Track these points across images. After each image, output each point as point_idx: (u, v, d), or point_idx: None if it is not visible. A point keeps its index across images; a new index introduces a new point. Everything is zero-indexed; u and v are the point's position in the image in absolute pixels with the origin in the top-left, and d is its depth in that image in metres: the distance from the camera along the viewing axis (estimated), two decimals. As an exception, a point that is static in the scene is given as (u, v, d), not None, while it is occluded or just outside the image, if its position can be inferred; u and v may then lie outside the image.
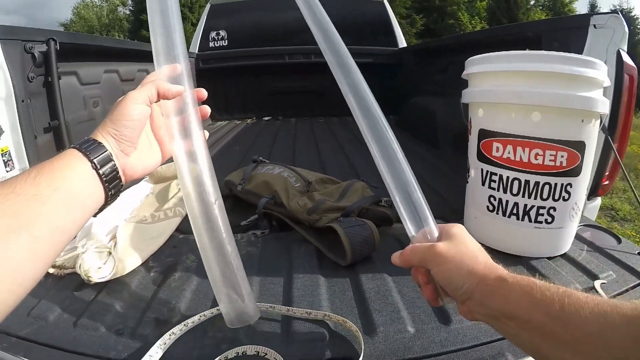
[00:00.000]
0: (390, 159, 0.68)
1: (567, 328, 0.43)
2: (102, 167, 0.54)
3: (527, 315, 0.47)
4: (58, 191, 0.48)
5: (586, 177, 0.98)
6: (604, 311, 0.41)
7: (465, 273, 0.54)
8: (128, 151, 0.59)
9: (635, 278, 0.91)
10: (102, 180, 0.54)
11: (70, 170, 0.51)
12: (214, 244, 0.64)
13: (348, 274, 0.93)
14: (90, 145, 0.54)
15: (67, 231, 0.49)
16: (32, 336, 0.72)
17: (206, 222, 0.64)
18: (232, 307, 0.67)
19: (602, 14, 1.29)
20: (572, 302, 0.44)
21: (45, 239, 0.46)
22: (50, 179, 0.48)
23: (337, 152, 2.22)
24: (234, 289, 0.66)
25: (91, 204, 0.54)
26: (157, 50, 0.65)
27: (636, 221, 4.22)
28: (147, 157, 0.63)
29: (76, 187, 0.51)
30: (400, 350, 0.69)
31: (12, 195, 0.45)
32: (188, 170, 0.63)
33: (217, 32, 3.50)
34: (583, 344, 0.42)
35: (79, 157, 0.53)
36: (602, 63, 0.94)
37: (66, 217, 0.49)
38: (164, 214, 1.17)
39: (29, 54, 1.32)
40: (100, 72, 1.93)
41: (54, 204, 0.47)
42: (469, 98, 1.09)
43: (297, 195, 1.19)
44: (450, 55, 2.45)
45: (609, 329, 0.40)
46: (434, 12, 24.80)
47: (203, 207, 0.63)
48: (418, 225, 0.64)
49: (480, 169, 1.04)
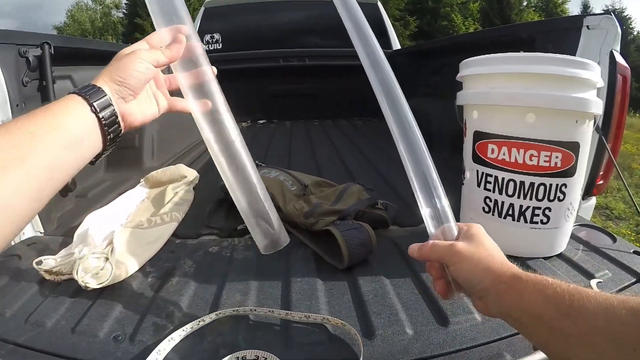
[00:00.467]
0: (416, 158, 0.70)
1: (576, 322, 0.45)
2: (101, 110, 0.55)
3: (539, 311, 0.49)
4: (56, 130, 0.49)
5: (581, 177, 0.99)
6: (612, 305, 0.43)
7: (482, 271, 0.57)
8: (128, 99, 0.60)
9: (630, 276, 0.92)
10: (101, 122, 0.55)
11: (70, 111, 0.52)
12: (239, 179, 0.69)
13: (346, 277, 0.93)
14: (90, 90, 0.56)
15: (62, 172, 0.50)
16: (30, 343, 0.72)
17: (228, 157, 0.68)
18: (263, 234, 0.72)
19: (595, 15, 1.30)
20: (580, 298, 0.46)
21: (39, 176, 0.46)
22: (50, 119, 0.49)
23: (332, 155, 2.22)
24: (263, 218, 0.72)
25: (89, 146, 0.54)
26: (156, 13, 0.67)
27: (631, 220, 4.24)
28: (146, 107, 0.65)
29: (74, 128, 0.51)
30: (399, 353, 0.70)
31: (7, 132, 0.45)
32: (205, 112, 0.67)
33: (211, 35, 3.50)
34: (591, 337, 0.43)
35: (79, 100, 0.54)
36: (595, 64, 0.95)
37: (62, 157, 0.49)
38: (160, 219, 1.17)
39: (23, 58, 1.31)
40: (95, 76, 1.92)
41: (49, 142, 0.48)
42: (463, 100, 1.09)
43: (294, 199, 1.19)
44: (444, 57, 2.45)
45: (616, 323, 0.42)
46: (427, 14, 24.90)
47: (223, 143, 0.68)
48: (438, 222, 0.67)
49: (475, 170, 1.04)
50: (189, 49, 0.67)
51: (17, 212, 0.44)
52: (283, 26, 3.62)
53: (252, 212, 0.70)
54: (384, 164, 1.96)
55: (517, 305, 0.52)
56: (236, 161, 0.68)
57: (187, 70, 0.68)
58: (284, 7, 3.66)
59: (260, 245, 0.73)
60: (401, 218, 1.22)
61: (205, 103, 0.66)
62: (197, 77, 0.67)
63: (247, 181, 0.69)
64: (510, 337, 0.72)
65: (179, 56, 0.65)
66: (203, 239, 1.14)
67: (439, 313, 0.79)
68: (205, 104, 0.66)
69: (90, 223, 1.02)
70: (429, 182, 0.68)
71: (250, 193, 0.70)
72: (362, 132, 2.91)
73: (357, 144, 2.47)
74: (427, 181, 0.68)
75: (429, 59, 2.73)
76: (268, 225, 0.72)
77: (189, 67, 0.68)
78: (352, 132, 2.93)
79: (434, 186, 0.68)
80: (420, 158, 0.69)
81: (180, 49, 0.65)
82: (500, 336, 0.73)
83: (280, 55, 3.36)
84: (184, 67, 0.67)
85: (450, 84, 1.26)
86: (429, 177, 0.68)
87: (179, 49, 0.65)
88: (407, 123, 0.72)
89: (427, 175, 0.68)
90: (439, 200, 0.67)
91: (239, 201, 0.70)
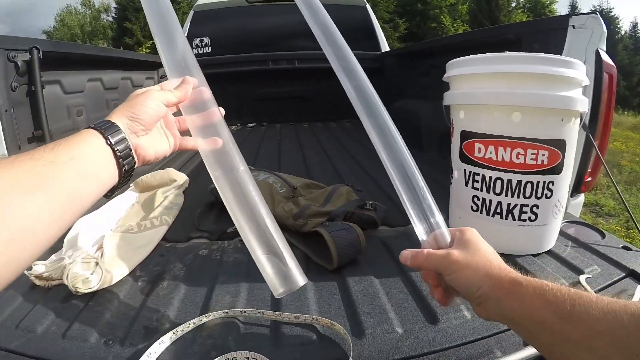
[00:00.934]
0: (399, 163, 0.70)
1: (578, 327, 0.45)
2: (116, 144, 0.57)
3: (540, 316, 0.49)
4: (74, 160, 0.51)
5: (568, 175, 1.00)
6: (614, 310, 0.43)
7: (481, 278, 0.56)
8: (140, 134, 0.63)
9: (619, 271, 0.92)
10: (116, 155, 0.57)
11: (86, 144, 0.55)
12: (245, 211, 0.68)
13: (335, 277, 0.93)
14: (105, 124, 0.58)
15: (81, 200, 0.52)
16: (21, 348, 0.71)
17: (233, 189, 0.68)
18: (275, 273, 0.68)
19: (581, 14, 1.31)
20: (582, 303, 0.46)
21: (60, 202, 0.48)
22: (68, 150, 0.52)
23: (322, 158, 2.23)
24: (275, 254, 0.68)
25: (105, 177, 0.57)
26: (169, 63, 0.72)
27: (621, 216, 4.28)
28: (158, 143, 0.68)
29: (91, 159, 0.54)
30: (389, 351, 0.70)
31: (30, 160, 0.47)
32: (213, 150, 0.69)
33: (200, 39, 3.49)
34: (594, 341, 0.44)
35: (94, 133, 0.57)
36: (580, 63, 0.96)
37: (80, 185, 0.51)
38: (150, 223, 1.17)
39: (12, 62, 1.31)
40: (84, 81, 1.92)
41: (69, 171, 0.50)
42: (450, 100, 1.10)
43: (283, 201, 1.19)
44: (432, 59, 2.47)
45: (618, 328, 0.42)
46: (416, 16, 24.98)
47: (229, 173, 0.69)
48: (429, 229, 0.67)
49: (463, 169, 1.05)
50: (198, 93, 0.71)
51: (41, 236, 0.46)
52: (272, 29, 3.63)
53: (261, 248, 0.67)
54: (372, 165, 1.96)
55: (519, 310, 0.52)
56: (246, 198, 0.68)
57: (196, 112, 0.71)
58: (273, 10, 3.67)
59: (273, 286, 0.68)
60: (390, 218, 1.23)
61: (214, 141, 0.69)
62: (206, 118, 0.71)
63: (255, 217, 0.68)
64: (499, 333, 0.73)
65: (187, 96, 0.69)
66: (193, 243, 1.14)
67: (428, 311, 0.80)
68: (214, 142, 0.69)
69: (80, 228, 1.02)
70: (414, 185, 0.68)
71: (259, 228, 0.68)
72: (351, 135, 2.91)
73: (346, 147, 2.47)
74: (412, 185, 0.68)
75: (418, 60, 2.74)
76: (281, 262, 0.67)
77: (199, 109, 0.71)
78: (341, 135, 2.93)
79: (420, 193, 0.68)
80: (403, 161, 0.70)
81: (188, 90, 0.69)
82: (489, 333, 0.73)
83: (270, 58, 3.37)
84: (194, 109, 0.71)
85: (438, 85, 1.27)
86: (414, 181, 0.68)
87: (187, 89, 0.69)
88: (392, 138, 0.72)
89: (412, 180, 0.68)
90: (428, 205, 0.67)
91: (245, 235, 0.68)
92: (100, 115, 1.99)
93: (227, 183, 0.68)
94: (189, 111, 0.71)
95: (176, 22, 0.74)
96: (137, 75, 2.49)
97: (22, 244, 0.43)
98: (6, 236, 0.42)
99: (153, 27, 0.73)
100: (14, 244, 0.42)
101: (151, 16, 0.74)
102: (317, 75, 3.40)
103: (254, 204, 0.68)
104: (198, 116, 0.71)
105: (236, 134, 3.08)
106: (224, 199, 0.69)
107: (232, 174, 0.68)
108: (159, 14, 0.74)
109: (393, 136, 0.72)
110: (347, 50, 0.79)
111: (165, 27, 0.73)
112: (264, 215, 0.69)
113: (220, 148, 0.69)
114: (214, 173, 0.69)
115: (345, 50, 0.79)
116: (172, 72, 0.72)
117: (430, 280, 0.66)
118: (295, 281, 0.68)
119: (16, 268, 0.44)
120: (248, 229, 0.68)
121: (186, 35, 3.50)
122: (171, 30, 0.73)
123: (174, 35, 0.73)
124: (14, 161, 0.46)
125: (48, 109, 1.48)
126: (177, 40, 0.73)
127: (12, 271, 0.43)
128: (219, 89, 3.04)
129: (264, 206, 0.69)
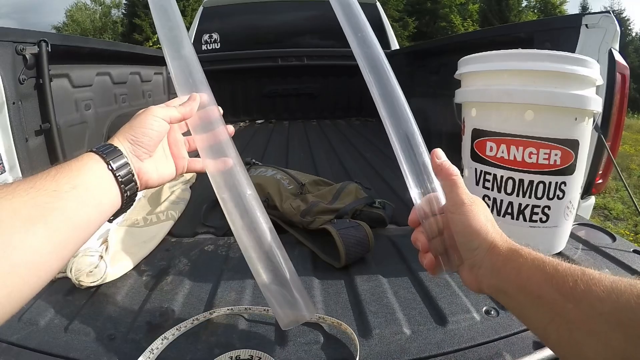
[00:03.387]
0: (402, 130, 0.67)
1: (580, 307, 0.41)
2: (118, 169, 0.56)
3: (538, 290, 0.45)
4: (76, 188, 0.50)
5: (580, 176, 0.98)
6: (619, 290, 0.40)
7: (481, 235, 0.53)
8: (143, 157, 0.61)
9: (630, 275, 0.91)
10: (118, 180, 0.56)
11: (88, 170, 0.53)
12: (253, 240, 0.65)
13: (342, 275, 0.92)
14: (107, 149, 0.57)
15: (83, 229, 0.50)
16: (23, 342, 0.71)
17: (242, 217, 0.66)
18: (281, 303, 0.65)
19: (594, 13, 1.29)
20: (585, 280, 0.42)
21: (62, 233, 0.47)
22: (69, 177, 0.50)
23: (330, 155, 2.22)
24: (281, 283, 0.65)
25: (107, 204, 0.55)
26: (178, 79, 0.71)
27: (629, 220, 4.24)
28: (162, 167, 0.66)
29: (93, 186, 0.53)
30: (397, 352, 0.69)
31: (32, 190, 0.46)
32: (221, 171, 0.68)
33: (209, 35, 3.49)
34: (596, 324, 0.40)
35: (96, 158, 0.55)
36: (594, 61, 0.94)
37: (83, 214, 0.50)
38: (156, 217, 1.16)
39: (20, 55, 1.31)
40: (93, 75, 1.92)
41: (72, 200, 0.49)
42: (461, 98, 1.08)
43: (290, 198, 1.18)
44: (442, 57, 2.45)
45: (624, 309, 0.38)
46: (426, 15, 24.95)
47: (238, 201, 0.66)
48: (424, 190, 0.63)
49: (474, 168, 1.03)
50: (204, 112, 0.69)
51: (43, 267, 0.45)
52: (281, 26, 3.63)
53: (268, 277, 0.65)
54: (381, 163, 1.96)
55: (514, 282, 0.48)
56: (252, 221, 0.66)
57: (204, 132, 0.69)
58: (282, 7, 3.66)
59: (279, 317, 0.66)
60: (399, 217, 1.21)
61: (223, 161, 0.68)
62: (214, 138, 0.69)
63: (263, 243, 0.66)
64: (509, 336, 0.72)
65: (192, 113, 0.67)
66: (199, 238, 1.14)
67: (437, 312, 0.78)
68: (222, 162, 0.68)
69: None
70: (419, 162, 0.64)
71: (266, 256, 0.65)
72: (359, 132, 2.91)
73: (355, 144, 2.47)
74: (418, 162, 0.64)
75: (428, 59, 2.73)
76: (288, 293, 0.65)
77: (206, 129, 0.69)
78: (349, 133, 2.92)
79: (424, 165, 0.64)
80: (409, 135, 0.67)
81: (194, 106, 0.67)
82: (499, 335, 0.72)
83: (279, 55, 3.36)
84: (202, 129, 0.69)
85: (448, 84, 1.25)
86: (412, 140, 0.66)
87: (192, 106, 0.67)
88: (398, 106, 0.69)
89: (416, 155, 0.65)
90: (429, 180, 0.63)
91: (253, 264, 0.66)
92: (108, 110, 2.00)
93: (235, 207, 0.66)
94: (196, 130, 0.69)
95: (186, 37, 0.73)
96: (145, 71, 2.48)
97: (23, 276, 0.43)
98: (7, 269, 0.41)
99: (163, 43, 0.72)
100: (14, 276, 0.41)
101: (162, 34, 0.72)
102: (326, 73, 3.40)
103: (262, 231, 0.66)
104: (205, 135, 0.69)
105: (244, 130, 3.09)
106: (231, 223, 0.67)
107: (239, 197, 0.66)
108: (168, 29, 0.72)
109: (399, 103, 0.69)
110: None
111: (176, 43, 0.72)
112: (271, 242, 0.66)
113: (228, 170, 0.67)
114: (221, 195, 0.67)
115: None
116: (180, 89, 0.70)
117: (420, 243, 0.60)
118: (303, 313, 0.66)
119: (18, 300, 0.43)
120: (255, 256, 0.65)
121: (195, 31, 3.51)
122: (180, 44, 0.72)
123: (182, 48, 0.72)
124: (15, 190, 0.45)
125: (56, 102, 1.48)
126: (186, 56, 0.72)
127: (13, 304, 0.42)
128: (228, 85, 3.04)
129: (271, 233, 0.67)
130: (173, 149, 0.69)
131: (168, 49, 0.71)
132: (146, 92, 2.52)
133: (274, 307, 0.66)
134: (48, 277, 0.46)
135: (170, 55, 0.71)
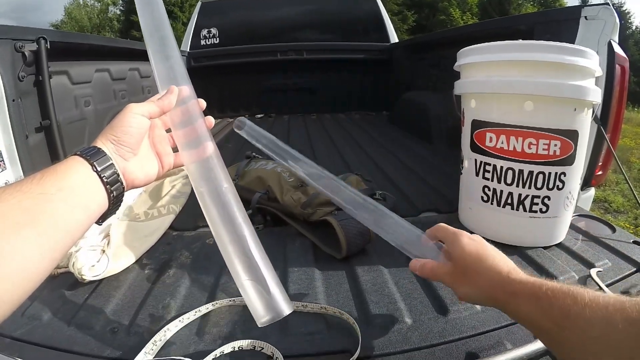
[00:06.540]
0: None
1: (574, 332, 0.47)
2: (103, 170, 0.56)
3: (537, 323, 0.52)
4: (62, 191, 0.50)
5: (580, 166, 0.99)
6: (609, 314, 0.44)
7: (479, 296, 0.61)
8: (127, 157, 0.60)
9: (630, 266, 0.91)
10: (103, 181, 0.56)
11: (74, 173, 0.53)
12: (229, 233, 0.64)
13: (344, 266, 0.93)
14: (90, 151, 0.56)
15: (71, 231, 0.50)
16: (27, 336, 0.71)
17: (218, 208, 0.65)
18: (256, 299, 0.62)
19: (593, 5, 1.29)
20: (576, 309, 0.47)
21: (50, 236, 0.47)
22: (54, 180, 0.50)
23: (330, 148, 2.22)
24: (257, 278, 0.62)
25: (95, 205, 0.55)
26: (160, 75, 0.71)
27: (629, 213, 4.24)
28: (147, 165, 0.65)
29: (79, 188, 0.52)
30: (398, 342, 0.69)
31: (18, 193, 0.46)
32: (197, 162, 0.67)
33: (208, 30, 3.48)
34: (590, 346, 0.45)
35: (80, 161, 0.55)
36: (593, 52, 0.94)
37: (70, 218, 0.50)
38: (157, 212, 1.16)
39: (19, 52, 1.31)
40: (92, 71, 1.91)
41: (58, 204, 0.49)
42: (461, 89, 1.09)
43: (291, 190, 1.18)
44: (442, 50, 2.44)
45: (613, 332, 0.43)
46: (425, 9, 24.88)
47: (215, 192, 0.65)
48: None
49: (474, 159, 1.04)
50: (184, 105, 0.68)
51: (34, 271, 0.45)
52: (280, 20, 3.62)
53: (244, 273, 0.62)
54: (382, 156, 1.95)
55: (517, 318, 0.57)
56: (228, 213, 0.64)
57: (183, 127, 0.68)
58: (281, 1, 3.66)
59: (255, 313, 0.62)
60: (399, 208, 1.21)
61: (197, 153, 0.67)
62: (192, 132, 0.68)
63: (240, 239, 0.63)
64: (510, 325, 0.72)
65: (171, 106, 0.66)
66: (200, 231, 1.14)
67: (438, 302, 0.79)
68: (197, 154, 0.67)
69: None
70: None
71: (242, 250, 0.63)
72: (360, 126, 2.90)
73: (355, 137, 2.46)
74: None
75: (427, 52, 2.72)
76: (264, 289, 0.62)
77: (185, 123, 0.68)
78: (349, 126, 2.92)
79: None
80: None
81: (172, 99, 0.66)
82: (500, 325, 0.72)
83: (278, 49, 3.36)
84: (181, 123, 0.68)
85: (448, 76, 1.25)
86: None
87: (170, 98, 0.66)
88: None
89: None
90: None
91: (228, 259, 0.63)
92: (108, 106, 2.00)
93: (212, 200, 0.65)
94: (175, 125, 0.68)
95: (169, 31, 0.73)
96: (144, 66, 2.47)
97: (13, 281, 0.43)
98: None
99: (146, 37, 0.72)
100: (4, 281, 0.42)
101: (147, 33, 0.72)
102: (325, 67, 3.39)
103: (238, 225, 0.64)
104: (183, 130, 0.68)
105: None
106: (208, 218, 0.65)
107: (216, 191, 0.65)
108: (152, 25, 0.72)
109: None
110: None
111: (159, 38, 0.71)
112: (248, 238, 0.64)
113: (204, 162, 0.66)
114: (198, 189, 0.66)
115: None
116: (161, 83, 0.70)
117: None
118: (279, 310, 0.62)
119: (10, 304, 0.43)
120: (232, 250, 0.63)
121: (194, 26, 3.51)
122: (164, 41, 0.71)
123: (166, 45, 0.71)
124: (1, 195, 0.45)
125: (56, 99, 1.48)
126: (168, 51, 0.71)
127: (5, 308, 0.42)
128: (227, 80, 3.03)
129: (248, 227, 0.65)
130: (157, 146, 0.68)
131: (151, 46, 0.71)
132: (145, 88, 2.51)
133: (250, 303, 0.63)
134: (39, 280, 0.46)
135: (152, 50, 0.71)
